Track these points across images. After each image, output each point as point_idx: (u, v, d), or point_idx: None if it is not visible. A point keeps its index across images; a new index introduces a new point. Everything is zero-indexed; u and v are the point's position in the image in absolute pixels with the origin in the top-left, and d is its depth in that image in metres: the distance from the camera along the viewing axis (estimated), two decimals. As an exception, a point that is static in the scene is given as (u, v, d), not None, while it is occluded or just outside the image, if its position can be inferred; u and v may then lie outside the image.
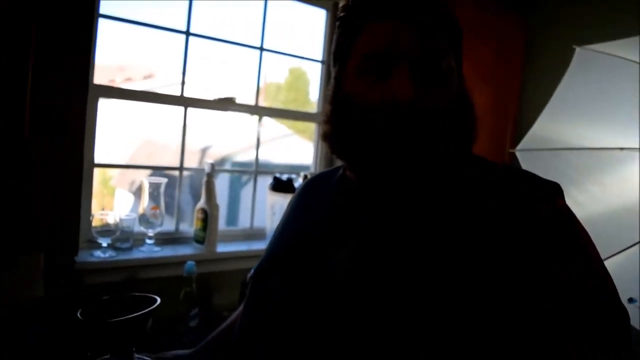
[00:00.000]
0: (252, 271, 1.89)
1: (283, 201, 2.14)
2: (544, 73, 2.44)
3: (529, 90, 2.57)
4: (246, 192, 2.65)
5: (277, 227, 1.01)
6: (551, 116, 1.87)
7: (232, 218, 2.92)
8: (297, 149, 3.03)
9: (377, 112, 0.74)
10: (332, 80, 0.86)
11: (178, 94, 1.94)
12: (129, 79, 2.67)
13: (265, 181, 2.25)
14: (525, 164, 1.89)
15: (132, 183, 2.43)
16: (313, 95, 2.50)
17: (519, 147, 1.93)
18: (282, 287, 0.84)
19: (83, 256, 1.69)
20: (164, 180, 1.88)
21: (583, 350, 0.58)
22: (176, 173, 2.02)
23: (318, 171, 2.40)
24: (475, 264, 0.66)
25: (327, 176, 1.00)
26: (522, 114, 2.56)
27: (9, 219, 1.36)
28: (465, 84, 0.82)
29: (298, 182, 2.20)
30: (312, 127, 2.51)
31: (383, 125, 0.73)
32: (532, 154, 1.88)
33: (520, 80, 2.61)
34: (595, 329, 0.58)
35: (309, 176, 2.24)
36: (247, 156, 2.41)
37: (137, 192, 1.95)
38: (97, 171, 1.77)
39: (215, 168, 1.97)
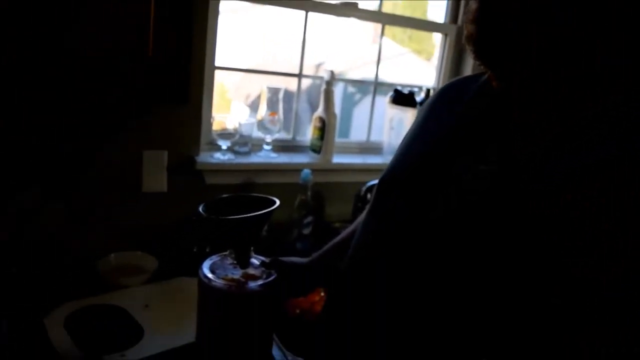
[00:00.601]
0: (367, 184, 1.85)
1: (402, 115, 2.04)
2: None
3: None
4: (358, 111, 2.58)
5: (405, 136, 0.93)
6: None
7: (343, 135, 2.89)
8: (414, 69, 2.87)
9: (530, 7, 0.63)
10: None
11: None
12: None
13: (381, 100, 2.14)
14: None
15: (248, 96, 2.43)
16: (432, 13, 2.32)
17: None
18: (404, 206, 0.79)
19: (203, 157, 1.72)
20: (282, 86, 1.84)
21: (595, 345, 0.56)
22: (293, 88, 1.97)
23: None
24: None
25: (464, 84, 0.89)
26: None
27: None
28: None
29: (420, 97, 2.07)
30: (428, 47, 2.33)
31: (537, 24, 0.62)
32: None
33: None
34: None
35: (432, 91, 2.11)
36: (361, 74, 2.31)
37: (253, 105, 1.94)
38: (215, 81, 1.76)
39: (335, 77, 1.89)
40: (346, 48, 2.33)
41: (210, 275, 1.00)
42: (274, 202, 1.03)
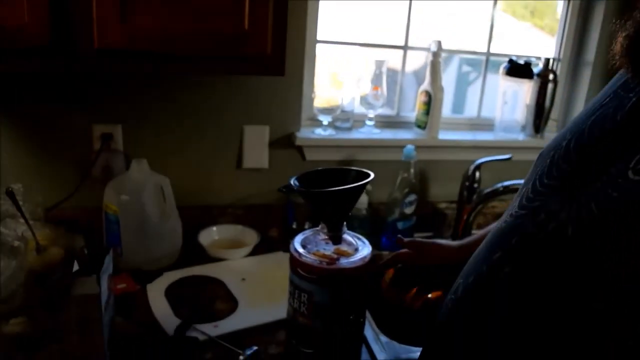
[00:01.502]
0: (476, 162, 1.73)
1: (517, 88, 1.88)
2: None
3: None
4: (472, 90, 2.43)
5: (584, 109, 0.77)
6: None
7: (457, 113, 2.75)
8: (534, 44, 2.65)
9: None
10: None
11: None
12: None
13: (496, 77, 1.99)
14: None
15: (358, 80, 2.39)
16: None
17: None
18: (531, 215, 0.68)
19: (304, 133, 1.70)
20: (386, 58, 1.76)
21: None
22: (398, 67, 1.89)
23: (564, 61, 2.05)
24: None
25: None
26: None
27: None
28: None
29: (538, 67, 1.89)
30: (552, 22, 2.11)
31: None
32: None
33: None
34: None
35: (551, 61, 1.93)
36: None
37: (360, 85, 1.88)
38: (323, 69, 1.73)
39: (442, 47, 1.78)
40: (461, 25, 2.19)
41: (301, 250, 0.97)
42: (368, 175, 0.97)
